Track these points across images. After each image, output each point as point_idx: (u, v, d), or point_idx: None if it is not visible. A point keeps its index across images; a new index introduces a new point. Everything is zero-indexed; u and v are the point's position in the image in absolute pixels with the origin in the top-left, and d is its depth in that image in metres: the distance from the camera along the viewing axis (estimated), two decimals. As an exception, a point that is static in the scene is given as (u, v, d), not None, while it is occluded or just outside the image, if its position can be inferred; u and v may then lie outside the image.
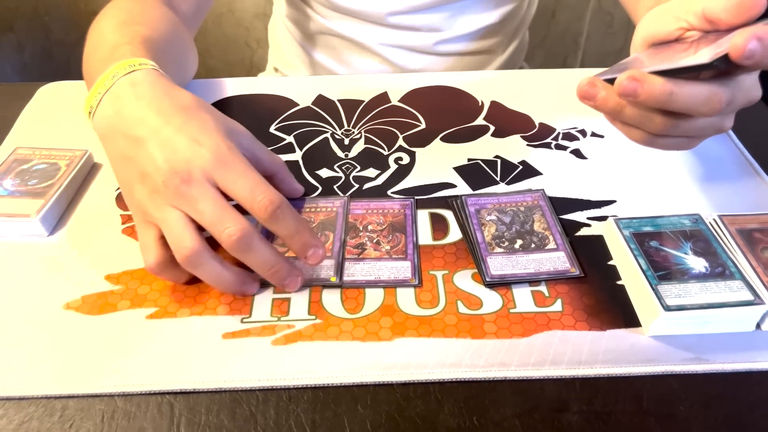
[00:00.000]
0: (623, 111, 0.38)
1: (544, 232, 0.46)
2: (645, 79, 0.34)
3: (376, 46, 0.76)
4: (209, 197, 0.38)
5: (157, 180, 0.39)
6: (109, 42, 0.48)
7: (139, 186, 0.40)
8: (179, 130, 0.40)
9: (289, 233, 0.40)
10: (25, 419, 0.36)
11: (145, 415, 0.36)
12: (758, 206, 0.49)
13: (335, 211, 0.48)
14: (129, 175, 0.41)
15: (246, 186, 0.39)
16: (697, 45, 0.36)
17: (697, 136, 0.39)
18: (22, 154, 0.51)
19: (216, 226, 0.38)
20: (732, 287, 0.39)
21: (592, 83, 0.38)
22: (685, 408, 0.36)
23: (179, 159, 0.39)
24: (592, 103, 0.39)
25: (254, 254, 0.39)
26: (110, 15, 0.53)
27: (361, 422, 0.35)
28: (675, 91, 0.34)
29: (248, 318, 0.41)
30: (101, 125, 0.43)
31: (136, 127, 0.41)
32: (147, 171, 0.39)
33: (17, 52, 1.28)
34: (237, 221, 0.38)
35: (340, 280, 0.43)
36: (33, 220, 0.45)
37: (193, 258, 0.38)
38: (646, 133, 0.39)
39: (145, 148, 0.40)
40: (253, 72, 1.31)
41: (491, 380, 0.37)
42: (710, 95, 0.34)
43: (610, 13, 1.32)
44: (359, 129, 0.58)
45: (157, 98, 0.42)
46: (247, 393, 0.37)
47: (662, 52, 0.39)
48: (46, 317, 0.41)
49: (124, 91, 0.43)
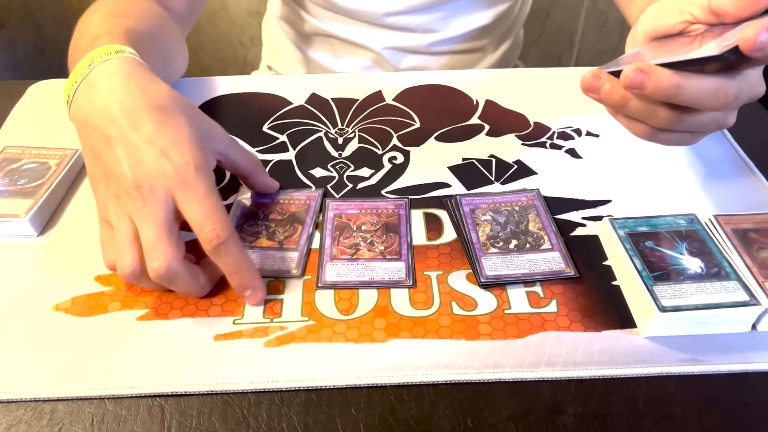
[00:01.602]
0: (627, 104, 0.37)
1: (539, 232, 0.46)
2: (652, 71, 0.34)
3: (370, 45, 0.75)
4: (155, 221, 0.38)
5: (120, 186, 0.39)
6: (92, 32, 0.47)
7: (104, 185, 0.40)
8: (149, 140, 0.39)
9: (229, 270, 0.40)
10: (13, 422, 0.35)
11: (136, 419, 0.35)
12: (754, 206, 0.49)
13: (307, 204, 0.48)
14: (96, 171, 0.41)
15: (199, 213, 0.38)
16: (701, 39, 0.36)
17: (700, 131, 0.39)
18: (12, 153, 0.51)
19: (147, 252, 0.38)
20: (728, 288, 0.39)
21: (597, 75, 0.37)
22: (680, 409, 0.36)
23: (144, 172, 0.38)
24: (596, 95, 0.38)
25: (176, 285, 0.39)
26: (97, 8, 0.52)
27: (355, 425, 0.35)
28: (682, 84, 0.33)
29: (240, 319, 0.40)
30: (77, 115, 0.43)
31: (108, 124, 0.40)
32: (113, 173, 0.39)
33: (9, 50, 1.27)
34: (165, 256, 0.37)
35: (301, 274, 0.43)
36: (22, 221, 0.45)
37: (131, 278, 0.39)
38: (649, 127, 0.38)
39: (113, 149, 0.39)
40: (247, 70, 1.31)
41: (486, 382, 0.37)
42: (717, 89, 0.34)
43: (605, 12, 1.32)
44: (353, 128, 0.58)
45: (131, 94, 0.41)
46: (239, 396, 0.36)
47: (665, 45, 0.38)
48: (35, 319, 0.40)
49: (99, 80, 0.42)
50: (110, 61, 0.42)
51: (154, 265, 0.37)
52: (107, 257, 0.40)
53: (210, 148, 0.42)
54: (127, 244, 0.38)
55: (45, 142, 0.53)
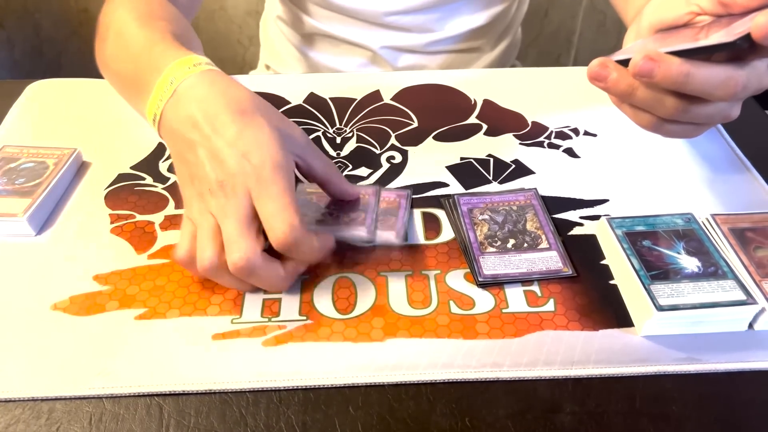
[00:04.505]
0: (634, 93, 0.37)
1: (536, 231, 0.46)
2: (662, 59, 0.33)
3: (367, 44, 0.76)
4: (236, 217, 0.38)
5: (204, 186, 0.40)
6: (141, 38, 0.48)
7: (189, 186, 0.41)
8: (231, 143, 0.40)
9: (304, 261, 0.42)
10: (11, 422, 0.35)
11: (134, 417, 0.35)
12: (751, 205, 0.49)
13: (398, 202, 0.49)
14: (183, 175, 0.42)
15: (270, 209, 0.39)
16: (707, 30, 0.35)
17: (705, 123, 0.38)
18: (10, 152, 0.51)
19: (227, 245, 0.39)
20: (725, 287, 0.39)
21: (604, 64, 0.37)
22: (678, 408, 0.36)
23: (226, 172, 0.39)
24: (602, 84, 0.37)
25: (255, 278, 0.39)
26: (126, 7, 0.52)
27: (353, 424, 0.35)
28: (692, 73, 0.33)
29: (238, 318, 0.40)
30: (165, 129, 0.44)
31: (192, 131, 0.41)
32: (197, 175, 0.40)
33: (7, 49, 1.27)
34: (245, 249, 0.38)
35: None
36: (20, 220, 0.45)
37: (209, 271, 0.39)
38: (654, 117, 0.38)
39: (197, 154, 0.40)
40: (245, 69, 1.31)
41: (483, 381, 0.37)
42: (727, 78, 0.34)
43: (603, 12, 1.32)
44: (351, 127, 0.58)
45: (215, 101, 0.41)
46: (237, 395, 0.36)
47: (670, 37, 0.38)
48: (34, 318, 0.40)
49: (183, 93, 0.42)
50: (192, 76, 0.43)
51: (233, 258, 0.38)
52: (179, 251, 0.41)
53: (289, 148, 0.42)
54: (208, 239, 0.39)
55: (43, 141, 0.53)
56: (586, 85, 0.40)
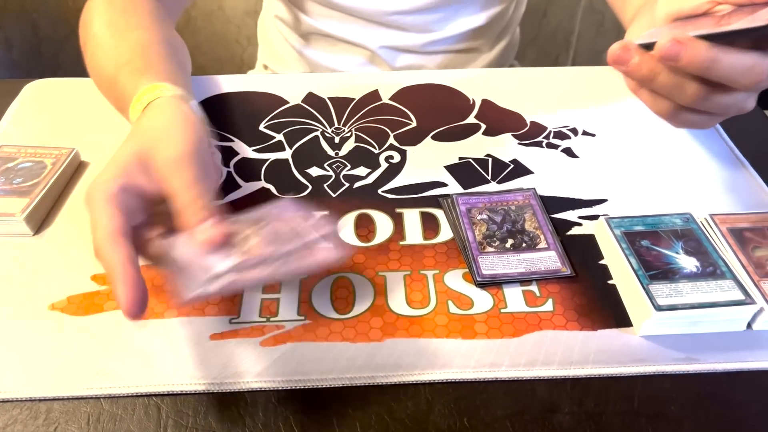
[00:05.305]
0: (656, 78, 0.36)
1: (535, 231, 0.46)
2: (689, 43, 0.33)
3: (366, 44, 0.75)
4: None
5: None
6: (112, 59, 0.48)
7: None
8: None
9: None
10: (8, 422, 0.35)
11: (132, 418, 0.35)
12: (749, 205, 0.49)
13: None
14: None
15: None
16: (728, 19, 0.35)
17: (721, 113, 0.38)
18: (7, 152, 0.51)
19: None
20: (723, 287, 0.39)
21: (626, 47, 0.36)
22: (676, 408, 0.36)
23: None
24: (623, 68, 0.36)
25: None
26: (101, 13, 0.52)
27: (351, 424, 0.35)
28: (719, 58, 0.33)
29: (237, 319, 0.40)
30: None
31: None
32: None
33: (5, 49, 1.27)
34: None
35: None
36: (18, 220, 0.45)
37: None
38: (672, 104, 0.37)
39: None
40: (243, 69, 1.30)
41: (482, 381, 0.37)
42: (753, 65, 0.33)
43: (602, 12, 1.32)
44: (350, 127, 0.58)
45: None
46: (236, 395, 0.36)
47: (689, 24, 0.37)
48: (31, 318, 0.40)
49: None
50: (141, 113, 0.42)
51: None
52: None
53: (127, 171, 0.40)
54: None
55: (41, 141, 0.53)
56: (584, 85, 0.40)
